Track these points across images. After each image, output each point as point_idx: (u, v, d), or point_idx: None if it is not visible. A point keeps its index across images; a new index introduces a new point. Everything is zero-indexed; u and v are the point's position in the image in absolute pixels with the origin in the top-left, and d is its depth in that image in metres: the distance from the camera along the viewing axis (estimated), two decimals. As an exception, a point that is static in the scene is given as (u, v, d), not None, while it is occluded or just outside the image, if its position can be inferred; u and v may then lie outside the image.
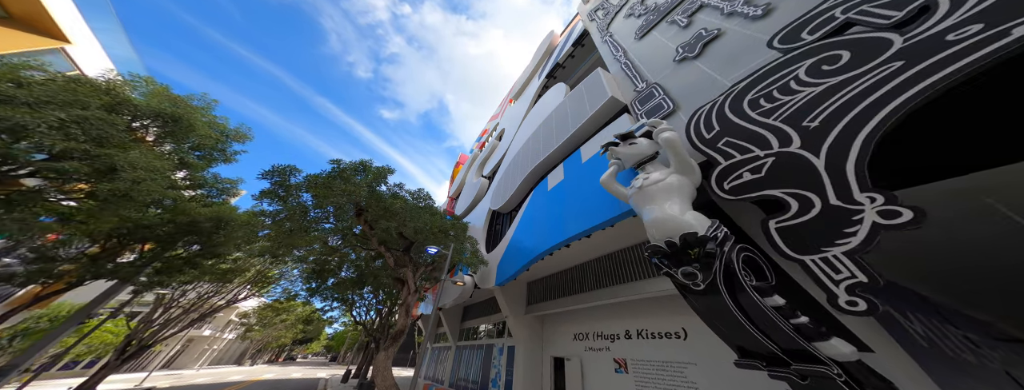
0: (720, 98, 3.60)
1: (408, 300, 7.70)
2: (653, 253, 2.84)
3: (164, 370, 26.90)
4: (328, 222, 7.48)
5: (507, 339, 9.64)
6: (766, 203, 2.68)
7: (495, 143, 17.22)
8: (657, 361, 5.04)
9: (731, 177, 2.93)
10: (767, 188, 2.59)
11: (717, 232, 2.47)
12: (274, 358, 43.46)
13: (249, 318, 30.64)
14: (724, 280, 2.34)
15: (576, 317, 7.78)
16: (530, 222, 7.96)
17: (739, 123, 3.16)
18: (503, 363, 9.26)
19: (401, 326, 7.13)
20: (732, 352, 2.79)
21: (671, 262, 2.66)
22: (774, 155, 2.68)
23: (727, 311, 2.34)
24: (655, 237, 2.89)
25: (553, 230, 6.45)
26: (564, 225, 6.12)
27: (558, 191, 7.21)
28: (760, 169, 2.72)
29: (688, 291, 2.65)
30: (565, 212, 6.36)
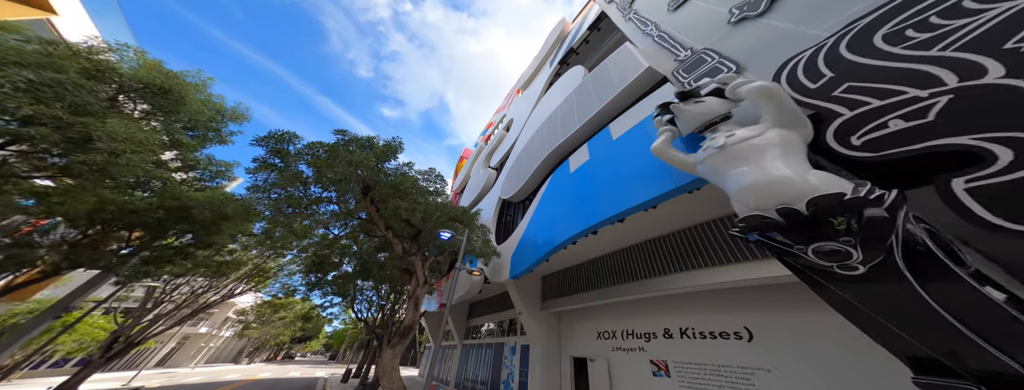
0: (829, 41, 2.91)
1: (417, 293, 6.97)
2: (752, 227, 2.13)
3: (158, 368, 26.03)
4: (331, 203, 6.77)
5: (520, 337, 8.90)
6: (930, 159, 1.97)
7: (502, 134, 16.62)
8: (710, 364, 4.32)
9: (866, 129, 2.23)
10: (944, 136, 1.89)
11: (880, 194, 1.75)
12: (272, 356, 42.49)
13: (247, 315, 29.78)
14: (910, 260, 1.63)
15: (599, 314, 7.05)
16: (549, 209, 7.26)
17: (871, 63, 2.46)
18: (516, 363, 8.52)
19: (409, 321, 6.41)
20: (831, 359, 2.12)
21: (793, 237, 1.95)
22: (951, 93, 1.98)
23: (912, 306, 1.63)
24: (755, 206, 2.17)
25: (578, 215, 5.76)
26: (592, 209, 5.42)
27: (582, 173, 6.52)
28: (924, 113, 2.02)
29: (828, 277, 1.94)
30: (592, 194, 5.67)
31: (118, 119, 5.63)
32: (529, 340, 8.19)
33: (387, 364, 5.74)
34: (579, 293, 7.18)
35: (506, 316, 10.31)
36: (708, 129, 3.22)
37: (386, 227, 6.79)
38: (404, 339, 6.13)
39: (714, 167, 2.74)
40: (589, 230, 5.43)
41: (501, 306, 10.97)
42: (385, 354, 5.89)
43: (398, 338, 6.11)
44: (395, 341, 6.08)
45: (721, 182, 2.66)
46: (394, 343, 6.04)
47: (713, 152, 2.73)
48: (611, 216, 4.87)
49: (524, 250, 7.68)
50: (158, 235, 9.17)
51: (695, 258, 4.61)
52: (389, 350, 5.88)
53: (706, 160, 2.82)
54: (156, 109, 6.86)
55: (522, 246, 7.91)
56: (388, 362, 5.77)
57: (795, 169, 2.16)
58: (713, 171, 2.76)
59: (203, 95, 7.89)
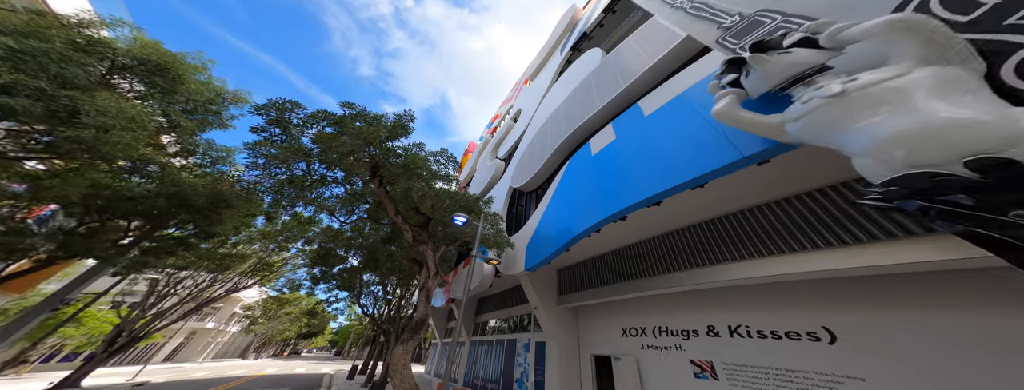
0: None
1: (429, 284, 6.47)
2: (914, 191, 1.56)
3: (165, 363, 25.95)
4: (337, 184, 6.28)
5: (534, 334, 8.36)
6: None
7: (510, 125, 16.16)
8: (776, 368, 3.69)
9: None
10: None
11: None
12: (279, 352, 42.47)
13: (253, 311, 29.64)
14: None
15: (624, 309, 6.48)
16: (567, 195, 6.71)
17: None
18: (531, 360, 7.98)
19: (421, 315, 5.91)
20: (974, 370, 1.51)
21: (995, 198, 1.38)
22: None
23: None
24: (916, 160, 1.59)
25: (603, 200, 5.20)
26: (621, 192, 4.87)
27: (607, 155, 5.95)
28: None
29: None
30: (620, 176, 5.11)
31: (108, 93, 5.18)
32: (545, 337, 7.65)
33: (398, 361, 5.24)
34: (600, 287, 6.61)
35: (518, 311, 9.78)
36: (798, 84, 2.64)
37: (396, 212, 6.28)
38: (416, 334, 5.63)
39: (824, 122, 2.16)
40: (617, 216, 4.87)
41: (512, 301, 10.44)
42: (396, 351, 5.39)
43: (409, 333, 5.62)
44: (406, 337, 5.58)
45: (837, 139, 2.08)
46: (405, 338, 5.54)
47: (822, 103, 2.15)
48: (646, 198, 4.31)
49: (541, 240, 7.14)
50: (159, 225, 8.77)
51: (755, 246, 4.00)
52: (400, 346, 5.38)
53: (810, 114, 2.23)
54: (152, 88, 6.41)
55: (538, 236, 7.37)
56: (399, 359, 5.27)
57: (983, 108, 1.57)
58: (821, 127, 2.18)
59: (204, 76, 7.44)
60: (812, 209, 3.60)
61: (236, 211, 9.44)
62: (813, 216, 3.55)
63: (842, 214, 3.32)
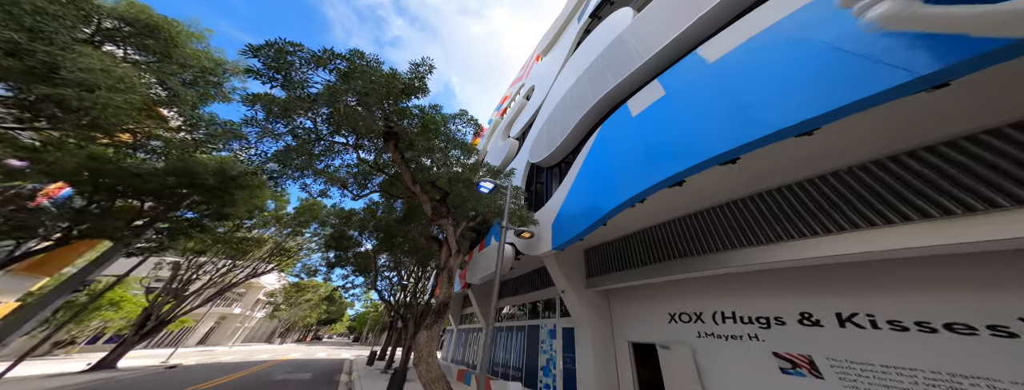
0: None
1: (450, 264, 5.82)
2: None
3: (198, 346, 27.05)
4: (347, 151, 5.62)
5: (561, 319, 7.68)
6: None
7: (523, 103, 15.28)
8: (942, 373, 2.72)
9: None
10: None
11: None
12: (302, 338, 44.13)
13: (275, 297, 30.45)
14: None
15: (670, 292, 5.66)
16: (601, 164, 5.83)
17: None
18: (557, 347, 7.33)
19: (444, 298, 5.28)
20: None
21: None
22: None
23: None
24: None
25: (652, 163, 4.32)
26: (679, 151, 3.96)
27: (655, 114, 5.00)
28: None
29: None
30: (674, 135, 4.21)
31: (91, 51, 4.58)
32: (574, 322, 6.94)
33: (423, 348, 4.65)
34: (639, 267, 5.78)
35: (540, 296, 9.10)
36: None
37: (413, 181, 5.58)
38: (440, 319, 5.02)
39: None
40: (671, 180, 3.99)
41: (533, 285, 9.77)
42: (420, 337, 4.78)
43: (433, 318, 5.00)
44: (429, 321, 4.97)
45: None
46: (428, 323, 4.93)
47: None
48: (720, 154, 3.40)
49: (569, 216, 6.32)
50: (172, 207, 8.45)
51: (877, 211, 3.04)
52: (424, 332, 4.78)
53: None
54: (146, 54, 5.80)
55: (566, 212, 6.55)
56: (424, 346, 4.67)
57: None
58: None
59: (202, 44, 6.81)
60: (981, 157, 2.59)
61: (248, 193, 9.07)
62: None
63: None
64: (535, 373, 7.81)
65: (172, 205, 8.42)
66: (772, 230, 3.83)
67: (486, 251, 10.45)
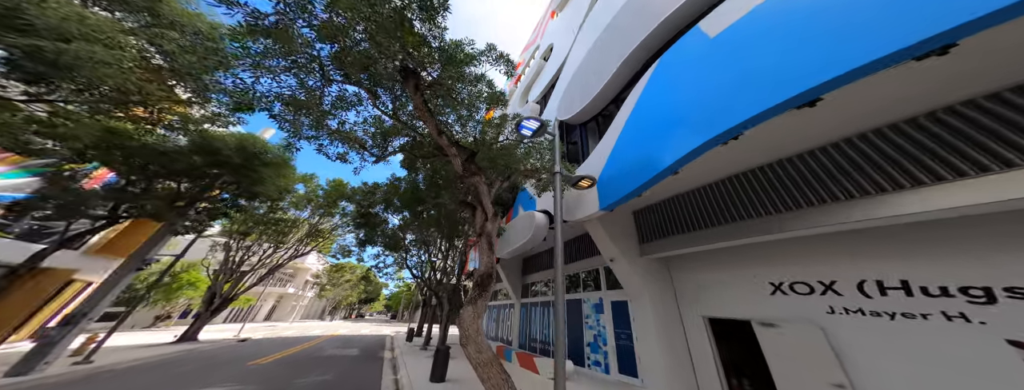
0: None
1: (488, 229, 4.95)
2: None
3: (265, 322, 30.05)
4: (359, 103, 4.81)
5: (609, 292, 6.67)
6: None
7: (540, 64, 13.84)
8: None
9: None
10: None
11: None
12: (348, 315, 48.01)
13: (320, 278, 32.74)
14: None
15: (766, 256, 4.35)
16: (665, 100, 4.49)
17: None
18: (607, 322, 6.38)
19: (486, 268, 4.46)
20: None
21: None
22: None
23: None
24: None
25: (748, 89, 3.01)
26: (798, 67, 2.63)
27: (743, 30, 3.54)
28: None
29: None
30: (786, 47, 2.82)
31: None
32: (627, 295, 5.90)
33: (470, 326, 3.90)
34: (714, 227, 4.51)
35: (580, 268, 8.11)
36: None
37: (439, 131, 4.66)
38: (484, 292, 4.22)
39: None
40: (790, 103, 2.66)
41: (569, 256, 8.79)
42: (465, 314, 4.02)
43: (477, 291, 4.22)
44: (473, 294, 4.19)
45: None
46: (472, 298, 4.15)
47: None
48: (869, 62, 2.04)
49: (620, 170, 5.09)
50: (207, 187, 8.44)
51: None
52: (469, 308, 4.01)
53: None
54: (126, 5, 5.14)
55: (614, 166, 5.33)
56: (470, 323, 3.92)
57: None
58: None
59: (192, 5, 6.15)
60: None
61: (273, 171, 8.87)
62: None
63: None
64: (580, 349, 6.99)
65: (206, 185, 8.40)
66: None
67: (514, 222, 9.59)
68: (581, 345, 7.01)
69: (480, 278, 4.43)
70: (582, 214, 5.88)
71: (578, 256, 8.35)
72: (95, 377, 6.30)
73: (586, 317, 7.16)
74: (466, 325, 3.95)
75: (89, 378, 6.19)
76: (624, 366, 5.54)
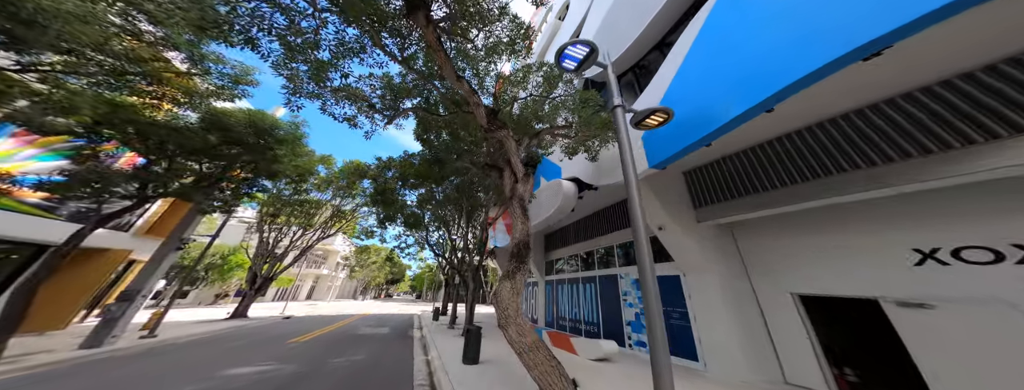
0: None
1: (519, 191, 4.18)
2: None
3: (307, 301, 32.31)
4: (363, 51, 4.05)
5: (653, 266, 5.78)
6: None
7: (556, 24, 12.58)
8: None
9: None
10: None
11: None
12: (377, 295, 50.90)
13: (349, 260, 34.34)
14: None
15: (898, 215, 3.24)
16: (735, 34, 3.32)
17: None
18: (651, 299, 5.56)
19: (522, 236, 3.73)
20: None
21: None
22: None
23: None
24: None
25: None
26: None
27: None
28: None
29: None
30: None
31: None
32: (679, 268, 5.00)
33: (508, 305, 3.22)
34: (819, 180, 3.41)
35: (616, 239, 7.22)
36: None
37: (457, 76, 3.80)
38: (521, 265, 3.51)
39: None
40: None
41: (601, 228, 7.91)
42: (501, 291, 3.34)
43: (514, 263, 3.51)
44: (511, 267, 3.49)
45: None
46: (509, 272, 3.45)
47: None
48: None
49: (676, 120, 4.02)
50: (227, 166, 8.28)
51: None
52: (506, 284, 3.32)
53: None
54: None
55: None
56: (508, 302, 3.23)
57: None
58: None
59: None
60: None
61: (289, 149, 8.62)
62: None
63: None
64: (618, 329, 6.29)
65: (227, 165, 8.23)
66: None
67: (536, 194, 8.80)
68: (619, 324, 6.30)
69: (516, 248, 3.70)
70: (619, 177, 4.91)
71: (611, 227, 7.45)
72: (158, 349, 6.65)
73: (624, 294, 6.38)
74: (504, 303, 3.27)
75: (153, 350, 6.54)
76: (678, 347, 4.77)
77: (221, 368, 4.76)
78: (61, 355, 5.61)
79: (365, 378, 4.33)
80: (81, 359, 5.52)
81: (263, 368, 4.76)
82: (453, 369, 4.48)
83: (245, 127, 7.28)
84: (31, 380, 4.18)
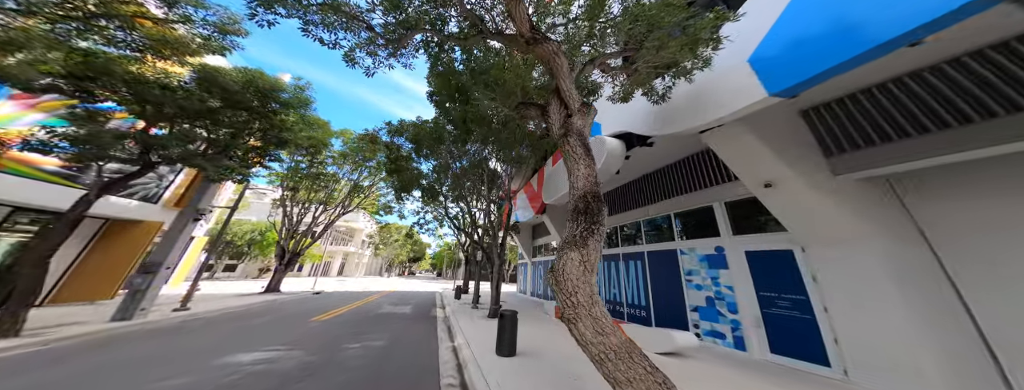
0: None
1: (575, 125, 2.89)
2: None
3: (338, 277, 33.83)
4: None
5: (740, 238, 4.34)
6: None
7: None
8: None
9: None
10: None
11: None
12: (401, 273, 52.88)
13: (373, 238, 35.17)
14: None
15: None
16: None
17: None
18: (737, 281, 4.19)
19: (588, 183, 2.43)
20: None
21: None
22: None
23: None
24: None
25: None
26: None
27: None
28: None
29: None
30: None
31: None
32: (796, 239, 3.56)
33: (577, 288, 2.00)
34: None
35: (671, 207, 5.76)
36: None
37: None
38: (595, 225, 2.19)
39: None
40: None
41: (649, 195, 6.45)
42: (567, 266, 2.07)
43: (582, 223, 2.19)
44: (578, 232, 2.19)
45: None
46: (577, 237, 2.16)
47: None
48: None
49: (830, 17, 2.37)
50: (234, 133, 7.54)
51: None
52: (573, 254, 2.06)
53: None
54: None
55: (798, 23, 2.59)
56: (579, 283, 2.00)
57: None
58: None
59: None
60: None
61: (298, 116, 7.80)
62: None
63: None
64: (678, 314, 5.05)
65: (234, 133, 7.44)
66: None
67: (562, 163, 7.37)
68: (679, 309, 5.05)
69: (583, 202, 2.42)
70: (706, 118, 3.36)
71: (664, 193, 5.97)
72: (186, 324, 6.40)
73: (689, 273, 5.07)
74: (571, 285, 2.07)
75: (181, 325, 6.26)
76: (785, 344, 3.49)
77: (226, 353, 4.08)
78: (87, 328, 5.27)
79: (382, 372, 3.45)
80: (98, 334, 5.13)
81: (270, 355, 4.01)
82: (486, 363, 3.50)
83: (243, 87, 6.34)
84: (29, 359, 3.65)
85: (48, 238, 5.25)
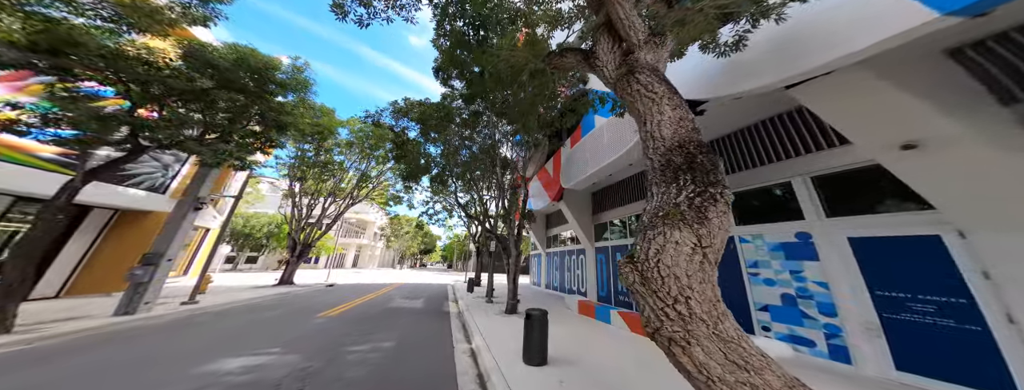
0: None
1: (644, 60, 2.09)
2: None
3: (353, 269, 34.24)
4: None
5: (836, 221, 3.35)
6: None
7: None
8: None
9: None
10: None
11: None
12: (413, 265, 53.47)
13: (385, 230, 35.26)
14: None
15: None
16: None
17: None
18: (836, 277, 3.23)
19: (682, 132, 1.48)
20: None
21: None
22: None
23: None
24: None
25: None
26: None
27: None
28: None
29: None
30: None
31: None
32: (957, 220, 2.57)
33: (688, 287, 1.11)
34: None
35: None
36: None
37: None
38: (713, 187, 1.28)
39: None
40: None
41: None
42: (671, 254, 1.11)
43: (692, 185, 1.27)
44: (687, 197, 1.23)
45: None
46: (694, 206, 1.22)
47: None
48: None
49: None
50: (231, 118, 6.95)
51: None
52: (685, 233, 1.12)
53: None
54: None
55: None
56: (693, 284, 1.08)
57: None
58: None
59: None
60: None
61: (298, 99, 7.14)
62: None
63: None
64: (741, 315, 4.15)
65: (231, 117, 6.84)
66: None
67: (585, 142, 6.42)
68: (743, 309, 4.15)
69: (684, 156, 1.55)
70: (807, 64, 2.35)
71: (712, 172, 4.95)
72: (190, 319, 6.02)
73: (752, 265, 4.14)
74: (677, 286, 1.20)
75: (185, 320, 5.87)
76: (922, 361, 2.59)
77: (216, 356, 3.49)
78: (85, 323, 4.87)
79: (389, 383, 2.74)
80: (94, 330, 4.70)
81: (262, 360, 3.38)
82: (514, 375, 2.76)
83: (234, 65, 5.66)
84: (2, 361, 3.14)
85: (37, 228, 4.80)
